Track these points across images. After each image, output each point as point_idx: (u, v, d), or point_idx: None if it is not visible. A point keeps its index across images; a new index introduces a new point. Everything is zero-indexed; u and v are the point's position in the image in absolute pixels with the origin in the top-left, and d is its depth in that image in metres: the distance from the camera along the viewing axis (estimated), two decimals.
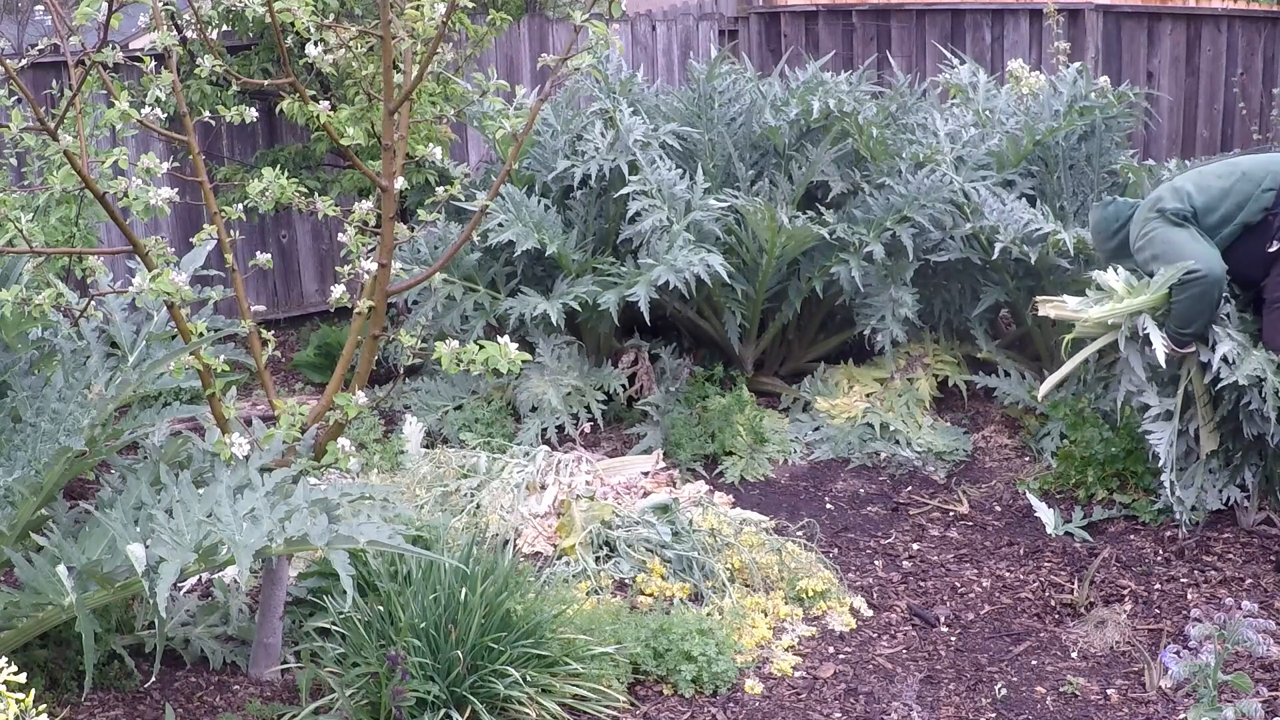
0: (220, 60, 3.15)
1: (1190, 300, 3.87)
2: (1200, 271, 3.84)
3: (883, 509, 4.53)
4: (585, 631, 3.29)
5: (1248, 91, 6.70)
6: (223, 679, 3.33)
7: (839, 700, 3.30)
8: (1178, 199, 3.98)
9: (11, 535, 2.99)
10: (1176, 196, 3.99)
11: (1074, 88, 5.23)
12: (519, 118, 3.29)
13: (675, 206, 4.94)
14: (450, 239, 5.06)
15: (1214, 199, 3.95)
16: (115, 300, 3.43)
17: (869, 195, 5.18)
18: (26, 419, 3.17)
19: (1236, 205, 3.94)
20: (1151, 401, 4.01)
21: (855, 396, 5.17)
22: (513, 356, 3.00)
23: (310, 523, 2.72)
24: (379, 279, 3.15)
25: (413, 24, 3.07)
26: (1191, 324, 3.90)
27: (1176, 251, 3.91)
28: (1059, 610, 3.74)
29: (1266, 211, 3.90)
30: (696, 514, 4.07)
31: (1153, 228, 4.00)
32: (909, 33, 7.59)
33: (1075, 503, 4.40)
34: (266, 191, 3.14)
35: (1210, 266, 3.85)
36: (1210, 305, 3.87)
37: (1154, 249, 3.98)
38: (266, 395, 3.28)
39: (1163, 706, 3.21)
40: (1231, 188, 3.96)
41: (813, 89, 5.28)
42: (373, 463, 4.63)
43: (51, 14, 3.05)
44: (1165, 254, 3.93)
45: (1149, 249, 4.00)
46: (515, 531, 3.99)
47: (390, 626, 3.10)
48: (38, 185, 4.36)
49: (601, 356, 5.30)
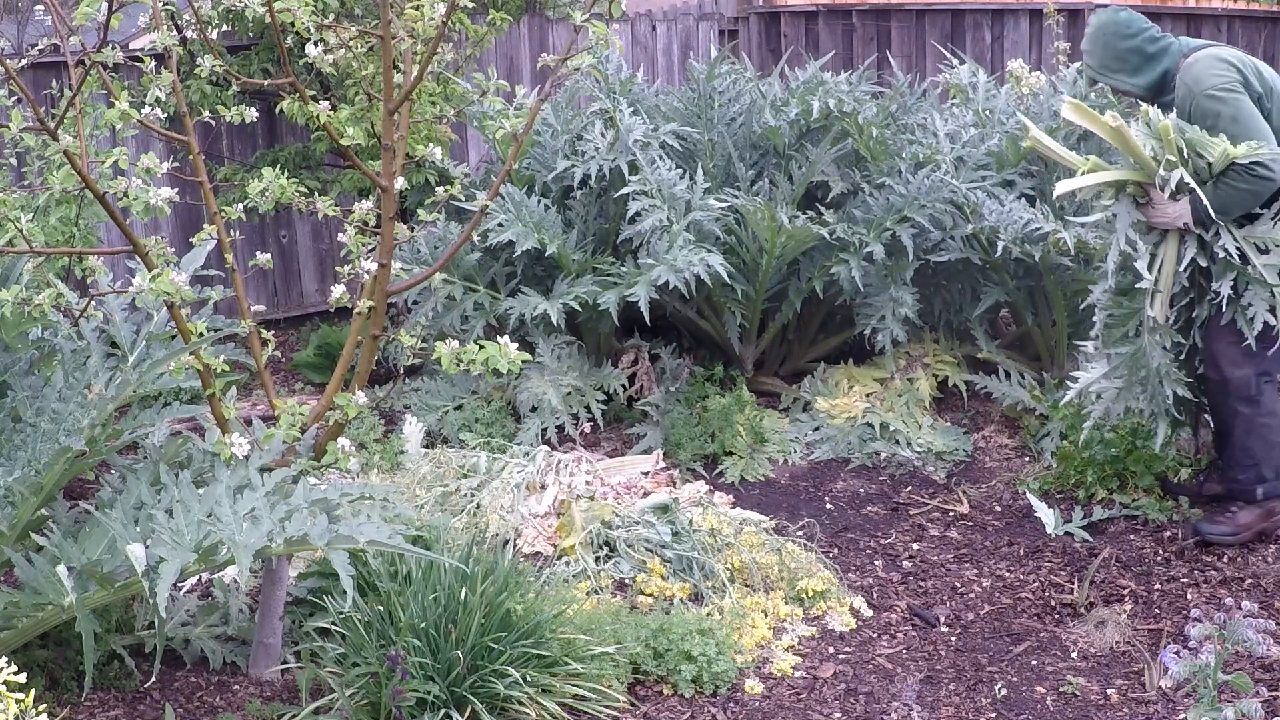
0: (220, 60, 3.15)
1: (1246, 192, 3.62)
2: (1273, 172, 3.60)
3: (883, 509, 4.53)
4: (585, 631, 3.29)
5: None
6: (223, 679, 3.33)
7: (839, 700, 3.30)
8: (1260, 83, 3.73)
9: (11, 535, 2.99)
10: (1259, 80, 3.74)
11: (1074, 88, 5.24)
12: (519, 118, 3.29)
13: (675, 206, 4.94)
14: (450, 239, 5.06)
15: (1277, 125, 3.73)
16: (115, 300, 3.43)
17: (869, 195, 5.18)
18: (26, 419, 3.17)
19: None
20: (1142, 270, 3.74)
21: (855, 396, 5.17)
22: (513, 356, 3.00)
23: (310, 523, 2.72)
24: (379, 279, 3.15)
25: (413, 24, 3.07)
26: (1226, 212, 3.67)
27: (1261, 136, 3.64)
28: (1059, 610, 3.74)
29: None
30: (696, 514, 4.07)
31: (1239, 90, 3.68)
32: (909, 33, 7.59)
33: (1075, 503, 4.40)
34: (266, 191, 3.14)
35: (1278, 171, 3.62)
36: (1255, 204, 3.68)
37: (1238, 119, 3.66)
38: (266, 395, 3.28)
39: (1163, 706, 3.21)
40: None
41: (813, 89, 5.28)
42: (373, 463, 4.63)
43: (51, 14, 3.05)
44: (1246, 128, 3.65)
45: (1228, 112, 3.67)
46: (515, 531, 3.99)
47: (390, 626, 3.10)
48: (38, 185, 4.36)
49: (601, 356, 5.30)
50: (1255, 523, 3.97)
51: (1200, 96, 3.72)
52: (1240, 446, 3.94)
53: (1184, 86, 3.78)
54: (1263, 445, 3.91)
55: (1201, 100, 3.71)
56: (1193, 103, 3.73)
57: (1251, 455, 3.93)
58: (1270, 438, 3.92)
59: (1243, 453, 3.94)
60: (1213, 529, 3.98)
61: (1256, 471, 3.94)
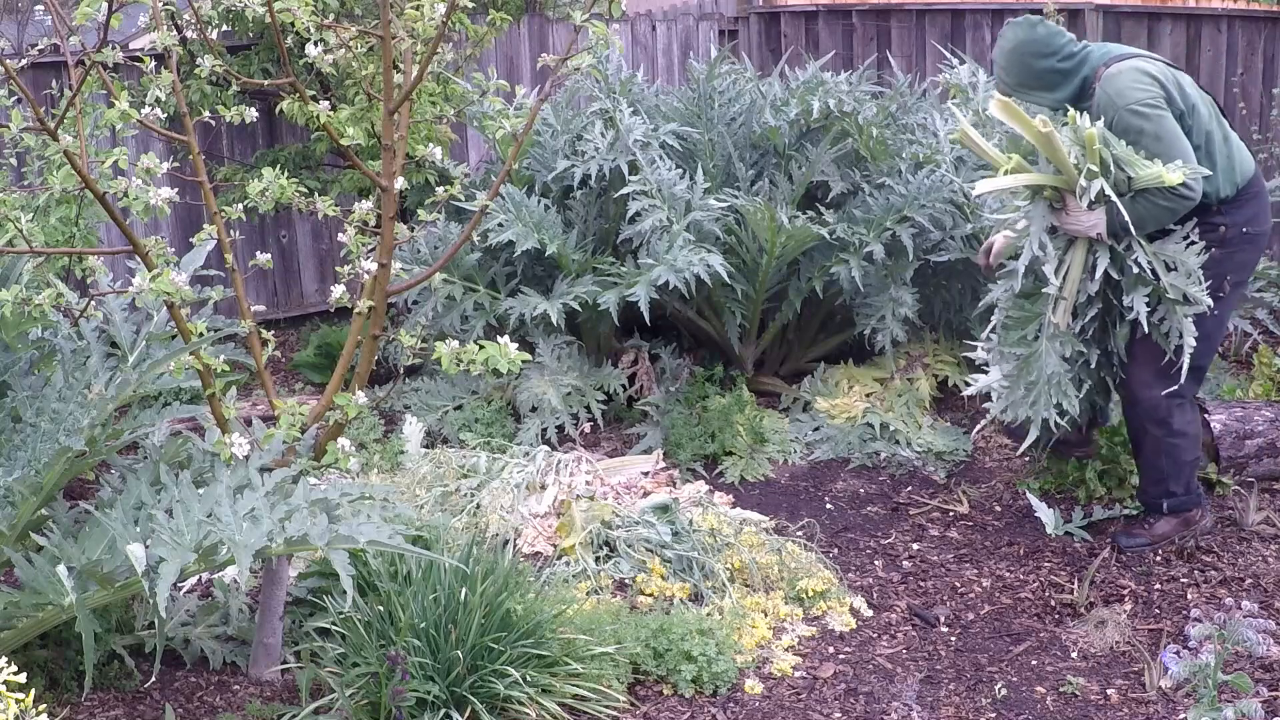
0: (220, 60, 3.15)
1: (1165, 210, 3.60)
2: (1194, 193, 3.57)
3: (883, 509, 4.53)
4: (585, 631, 3.29)
5: (1248, 91, 6.69)
6: (223, 679, 3.33)
7: (839, 700, 3.30)
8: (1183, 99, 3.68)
9: (11, 535, 2.99)
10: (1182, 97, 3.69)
11: None
12: (519, 118, 3.29)
13: (675, 206, 4.94)
14: (450, 239, 5.06)
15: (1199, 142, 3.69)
16: (115, 300, 3.43)
17: (869, 195, 5.18)
18: (26, 419, 3.17)
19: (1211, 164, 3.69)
20: (1049, 276, 3.75)
21: (855, 396, 5.17)
22: (513, 356, 3.00)
23: (310, 523, 2.72)
24: (379, 279, 3.15)
25: (413, 24, 3.07)
26: (1140, 227, 3.64)
27: (1187, 158, 3.58)
28: (1059, 610, 3.74)
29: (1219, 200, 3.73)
30: (696, 514, 4.07)
31: (1163, 107, 3.62)
32: (909, 33, 7.59)
33: (1075, 503, 4.40)
34: (266, 191, 3.14)
35: (1199, 193, 3.59)
36: (1168, 223, 3.67)
37: (1160, 137, 3.59)
38: (266, 395, 3.28)
39: (1163, 706, 3.21)
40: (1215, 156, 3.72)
41: (813, 89, 5.28)
42: (373, 463, 4.63)
43: (51, 14, 3.05)
44: (1168, 146, 3.59)
45: (1152, 130, 3.59)
46: (515, 531, 3.99)
47: (390, 626, 3.11)
48: (38, 185, 4.36)
49: (601, 356, 5.30)
50: (1172, 532, 4.03)
51: (1123, 111, 3.64)
52: (1150, 464, 4.02)
53: (1105, 97, 3.70)
54: (1171, 464, 3.96)
55: (1124, 115, 3.63)
56: (1115, 115, 3.65)
57: (1160, 473, 3.99)
58: (1179, 457, 3.96)
59: (1152, 469, 4.02)
60: (1129, 540, 4.04)
61: (1164, 488, 4.01)
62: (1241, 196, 3.78)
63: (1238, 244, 3.78)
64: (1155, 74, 3.68)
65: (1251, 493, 4.31)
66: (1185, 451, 3.95)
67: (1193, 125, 3.69)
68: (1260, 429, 4.50)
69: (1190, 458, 3.98)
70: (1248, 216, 3.79)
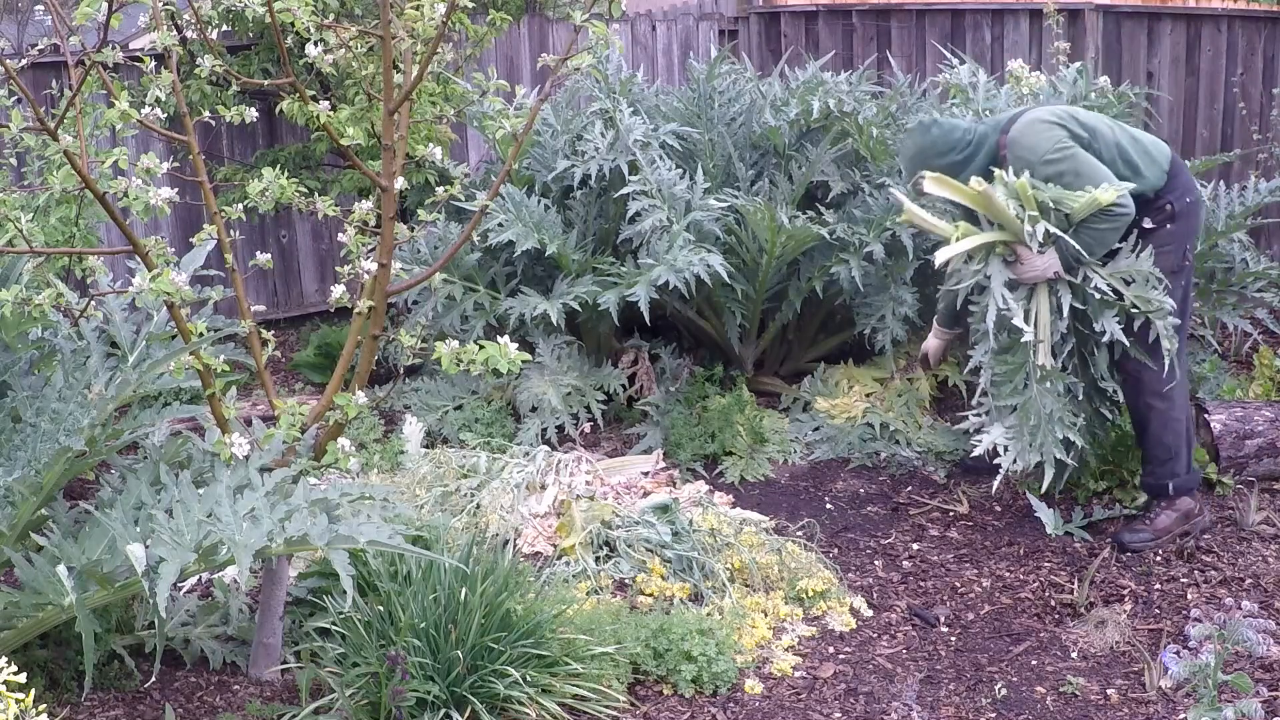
0: (220, 60, 3.15)
1: (1109, 230, 3.84)
2: (1128, 206, 3.82)
3: (883, 509, 4.53)
4: (585, 631, 3.29)
5: (1248, 91, 6.69)
6: (223, 679, 3.33)
7: (839, 700, 3.30)
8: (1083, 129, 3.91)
9: (11, 535, 2.99)
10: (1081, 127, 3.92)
11: (1074, 88, 5.23)
12: (519, 118, 3.29)
13: (675, 206, 4.94)
14: (450, 239, 5.06)
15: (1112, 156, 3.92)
16: (115, 300, 3.42)
17: (869, 195, 5.18)
18: (26, 419, 3.17)
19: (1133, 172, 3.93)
20: (1020, 324, 3.90)
21: (855, 396, 5.17)
22: (513, 356, 3.00)
23: (310, 523, 2.72)
24: (379, 279, 3.15)
25: (413, 24, 3.07)
26: (1095, 251, 3.89)
27: (1108, 180, 3.82)
28: (1059, 610, 3.74)
29: (1155, 191, 3.97)
30: (696, 514, 4.07)
31: (1072, 148, 3.86)
32: (909, 33, 7.59)
33: (1075, 503, 4.40)
34: (266, 191, 3.14)
35: (1132, 204, 3.84)
36: (1114, 241, 3.90)
37: (1080, 173, 3.83)
38: (266, 395, 3.28)
39: (1163, 706, 3.21)
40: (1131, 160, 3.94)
41: (813, 89, 5.28)
42: (373, 463, 4.63)
43: (51, 14, 3.05)
44: (1090, 177, 3.82)
45: (1071, 168, 3.84)
46: (515, 531, 3.99)
47: (390, 626, 3.10)
48: (38, 185, 4.36)
49: (601, 356, 5.30)
50: (1174, 526, 4.07)
51: (1039, 165, 3.87)
52: (1156, 442, 4.10)
53: (1019, 159, 3.92)
54: (1175, 440, 4.07)
55: (1041, 168, 3.87)
56: (1034, 171, 3.87)
57: (1168, 450, 4.08)
58: (1180, 431, 4.08)
59: (1159, 446, 4.10)
60: (1132, 536, 4.07)
61: (1171, 466, 4.09)
62: (1171, 176, 4.01)
63: (1186, 213, 4.02)
64: (1051, 119, 3.94)
65: (1251, 493, 4.32)
66: (1184, 428, 4.10)
67: (1100, 148, 3.91)
68: (1260, 429, 4.50)
69: (1185, 436, 4.12)
70: (1183, 188, 4.04)
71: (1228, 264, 5.07)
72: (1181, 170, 4.07)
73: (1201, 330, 5.52)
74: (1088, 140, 3.91)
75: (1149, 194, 3.96)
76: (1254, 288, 5.05)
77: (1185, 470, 4.11)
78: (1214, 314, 5.15)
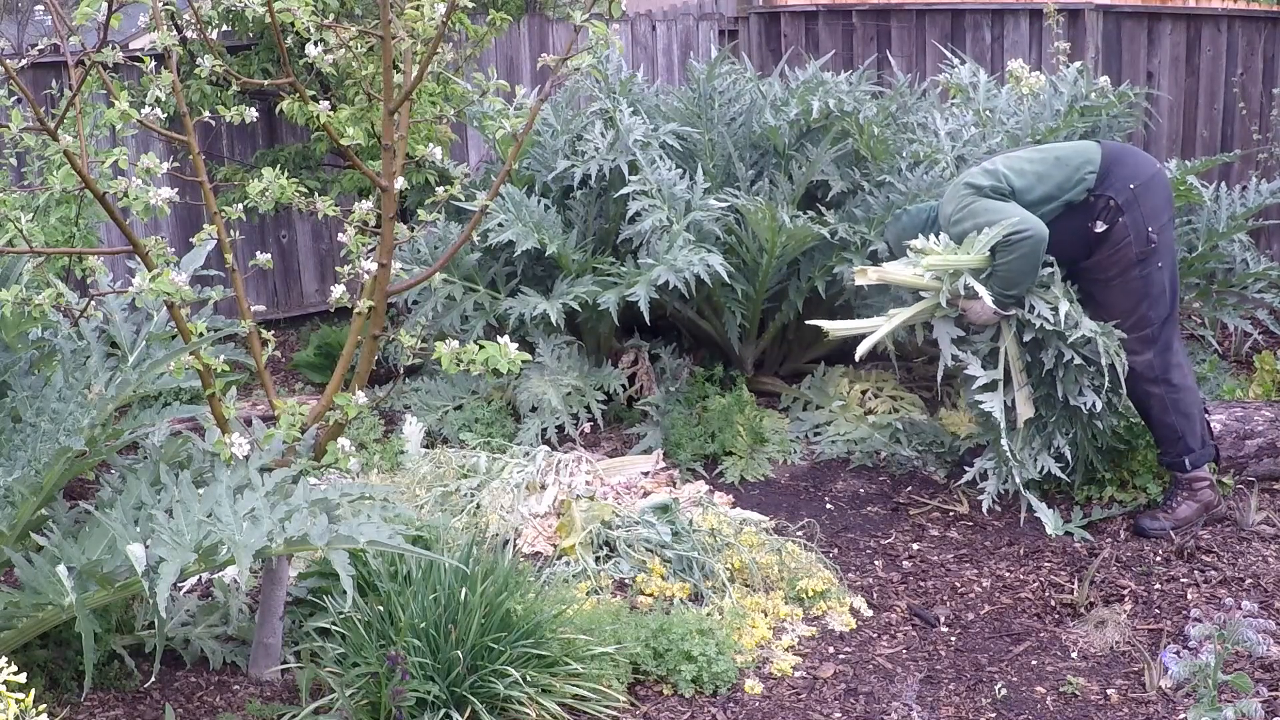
0: (220, 60, 3.15)
1: (1018, 259, 3.95)
2: (1027, 230, 3.92)
3: (883, 509, 4.53)
4: (585, 631, 3.29)
5: (1248, 91, 6.69)
6: (223, 679, 3.33)
7: (839, 700, 3.30)
8: (993, 178, 4.09)
9: (11, 535, 2.99)
10: (991, 176, 4.10)
11: (1074, 88, 5.23)
12: (519, 118, 3.29)
13: (675, 206, 4.94)
14: (450, 239, 5.06)
15: (1030, 181, 4.09)
16: (115, 300, 3.43)
17: (869, 194, 5.18)
18: (26, 419, 3.17)
19: (1057, 186, 4.07)
20: (976, 372, 4.12)
21: (855, 396, 5.16)
22: (513, 356, 3.00)
23: (310, 523, 2.72)
24: (379, 279, 3.15)
25: (413, 24, 3.07)
26: (1015, 285, 4.01)
27: (1001, 214, 3.98)
28: (1059, 610, 3.74)
29: (1089, 192, 4.05)
30: (696, 514, 4.07)
31: (971, 199, 4.07)
32: (909, 33, 7.59)
33: (1075, 503, 4.40)
34: (266, 191, 3.14)
35: (1035, 225, 3.94)
36: (1035, 266, 3.99)
37: (977, 218, 4.02)
38: (266, 395, 3.28)
39: (1163, 706, 3.21)
40: (1047, 172, 4.08)
41: (813, 89, 5.28)
42: (373, 463, 4.63)
43: (51, 14, 3.05)
44: (990, 219, 3.99)
45: (970, 219, 4.05)
46: (515, 531, 3.99)
47: (390, 626, 3.10)
48: (38, 185, 4.36)
49: (601, 356, 5.30)
50: (1194, 516, 4.15)
51: (950, 227, 4.14)
52: (1161, 424, 4.19)
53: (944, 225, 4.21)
54: (1181, 419, 4.16)
55: (952, 230, 4.13)
56: (949, 233, 4.15)
57: (1174, 430, 4.16)
58: (1186, 410, 4.17)
59: (1165, 428, 4.19)
60: (1152, 524, 4.16)
61: (1182, 444, 4.17)
62: (1105, 172, 4.07)
63: (1134, 200, 4.05)
64: (964, 182, 4.13)
65: (1251, 493, 4.32)
66: (1189, 404, 4.16)
67: (1016, 185, 4.08)
68: (1260, 429, 4.50)
69: (1195, 409, 4.17)
70: (1124, 177, 4.07)
71: (1228, 265, 5.07)
72: (1119, 161, 4.10)
73: (1201, 330, 5.53)
74: (995, 186, 4.07)
75: (1087, 197, 4.06)
76: (1254, 288, 5.05)
77: (1199, 445, 4.17)
78: (1214, 314, 5.15)
